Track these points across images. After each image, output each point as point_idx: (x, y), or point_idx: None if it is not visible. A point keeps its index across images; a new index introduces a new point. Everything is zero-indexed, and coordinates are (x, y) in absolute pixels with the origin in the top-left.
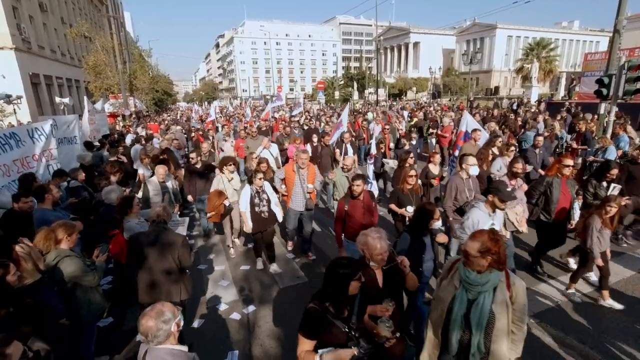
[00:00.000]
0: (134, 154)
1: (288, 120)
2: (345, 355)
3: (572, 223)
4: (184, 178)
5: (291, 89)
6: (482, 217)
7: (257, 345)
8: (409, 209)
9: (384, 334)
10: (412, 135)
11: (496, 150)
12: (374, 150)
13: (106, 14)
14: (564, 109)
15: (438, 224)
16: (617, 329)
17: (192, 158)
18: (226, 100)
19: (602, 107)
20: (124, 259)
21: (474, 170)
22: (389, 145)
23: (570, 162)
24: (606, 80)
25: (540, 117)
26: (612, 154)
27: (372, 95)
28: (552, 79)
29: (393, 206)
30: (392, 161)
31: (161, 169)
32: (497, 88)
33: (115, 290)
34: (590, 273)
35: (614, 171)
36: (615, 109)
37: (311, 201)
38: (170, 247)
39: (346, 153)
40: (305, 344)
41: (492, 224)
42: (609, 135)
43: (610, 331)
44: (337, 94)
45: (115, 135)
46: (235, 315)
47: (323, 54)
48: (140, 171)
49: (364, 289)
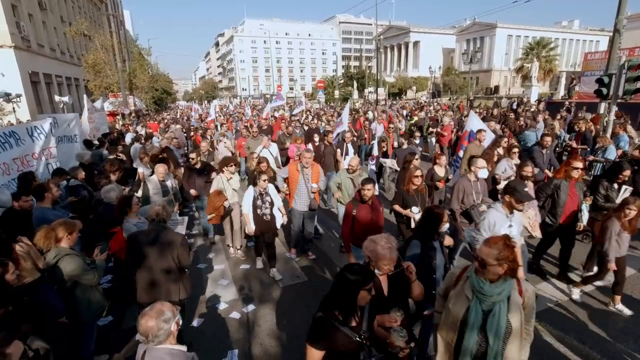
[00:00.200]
0: (134, 153)
1: (289, 120)
2: None
3: (580, 225)
4: (183, 177)
5: (291, 88)
6: (499, 219)
7: (257, 344)
8: (414, 209)
9: (398, 344)
10: (416, 134)
11: (501, 150)
12: (375, 151)
13: (105, 12)
14: (563, 108)
15: (445, 227)
16: (617, 329)
17: (193, 158)
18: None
19: (602, 107)
20: (123, 255)
21: (483, 174)
22: (393, 144)
23: (579, 164)
24: (606, 79)
25: (540, 116)
26: (612, 153)
27: (372, 95)
28: (552, 78)
29: (397, 207)
30: (390, 160)
31: (161, 168)
32: (497, 87)
33: (114, 289)
34: (589, 273)
35: (627, 172)
36: (615, 109)
37: (315, 201)
38: (170, 246)
39: (347, 153)
40: (314, 355)
41: (510, 225)
42: (608, 135)
43: (610, 331)
44: (336, 93)
45: (115, 134)
46: (235, 314)
47: (323, 53)
48: (140, 170)
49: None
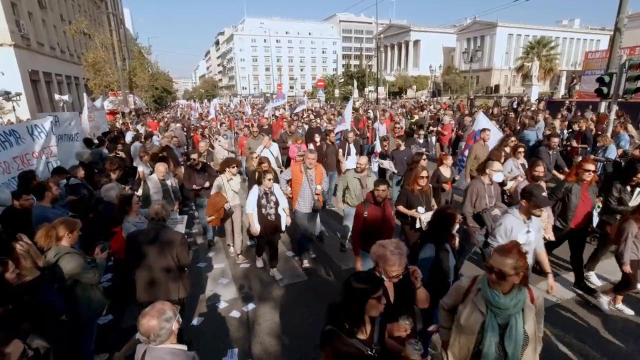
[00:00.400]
0: (134, 152)
1: (290, 119)
2: None
3: (591, 228)
4: (184, 177)
5: (291, 87)
6: (516, 224)
7: (257, 343)
8: (420, 209)
9: (413, 357)
10: (421, 133)
11: (508, 150)
12: (378, 148)
13: (105, 10)
14: (564, 107)
15: (455, 228)
16: (617, 328)
17: (194, 159)
18: (226, 98)
19: (603, 106)
20: (123, 255)
21: (499, 177)
22: (397, 143)
23: (591, 166)
24: (607, 78)
25: (540, 115)
26: (612, 152)
27: (372, 94)
28: (553, 77)
29: (402, 208)
30: (388, 162)
31: (161, 167)
32: (497, 86)
33: (114, 287)
34: (591, 272)
35: None
36: (615, 108)
37: (318, 202)
38: (169, 245)
39: (349, 153)
40: None
41: (528, 231)
42: (609, 134)
43: (610, 331)
44: (337, 92)
45: (115, 133)
46: (235, 313)
47: (323, 52)
48: (140, 169)
49: None
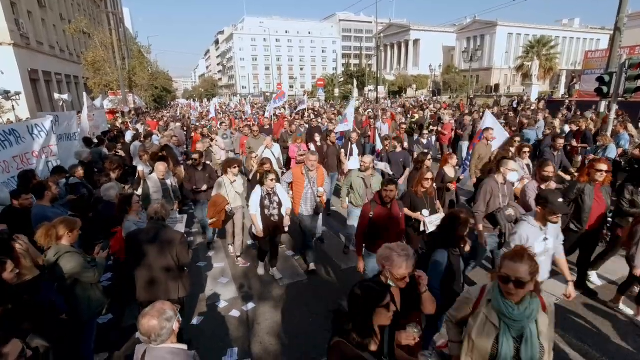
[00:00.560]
0: (134, 151)
1: (290, 118)
2: None
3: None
4: (185, 177)
5: (291, 86)
6: (532, 232)
7: (257, 342)
8: (425, 212)
9: None
10: (425, 133)
11: (513, 150)
12: (379, 146)
13: (105, 10)
14: (564, 106)
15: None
16: (617, 328)
17: (196, 160)
18: (226, 97)
19: (603, 105)
20: (123, 255)
21: (513, 177)
22: (403, 143)
23: (604, 166)
24: (607, 78)
25: (540, 115)
26: (612, 152)
27: (372, 93)
28: (553, 76)
29: (406, 210)
30: (383, 164)
31: (161, 166)
32: (497, 86)
33: (114, 287)
34: (591, 272)
35: None
36: (615, 107)
37: (320, 204)
38: (169, 244)
39: (351, 154)
40: None
41: (545, 238)
42: (609, 134)
43: (610, 330)
44: (336, 91)
45: (115, 132)
46: (235, 313)
47: (323, 51)
48: (140, 168)
49: None
